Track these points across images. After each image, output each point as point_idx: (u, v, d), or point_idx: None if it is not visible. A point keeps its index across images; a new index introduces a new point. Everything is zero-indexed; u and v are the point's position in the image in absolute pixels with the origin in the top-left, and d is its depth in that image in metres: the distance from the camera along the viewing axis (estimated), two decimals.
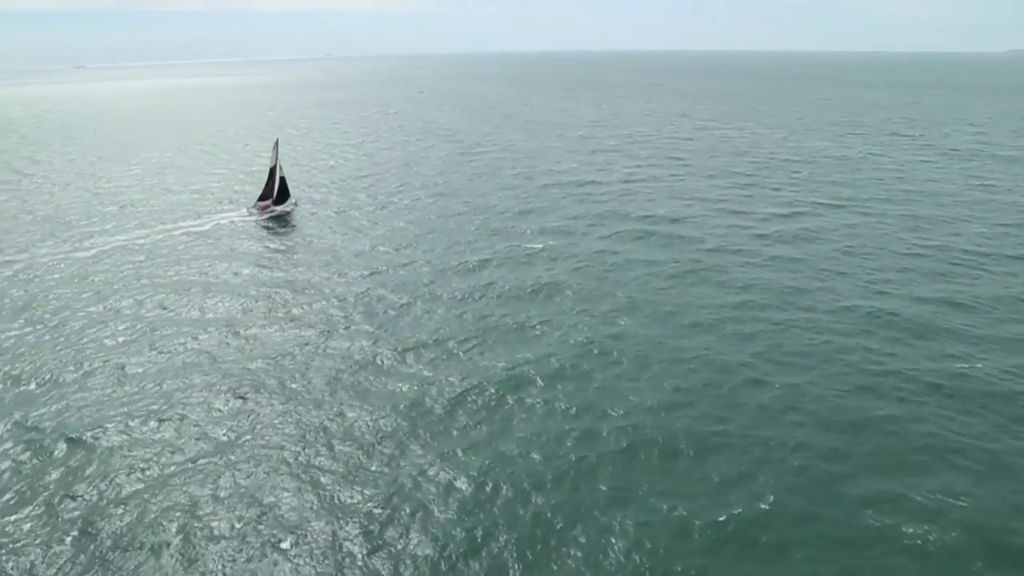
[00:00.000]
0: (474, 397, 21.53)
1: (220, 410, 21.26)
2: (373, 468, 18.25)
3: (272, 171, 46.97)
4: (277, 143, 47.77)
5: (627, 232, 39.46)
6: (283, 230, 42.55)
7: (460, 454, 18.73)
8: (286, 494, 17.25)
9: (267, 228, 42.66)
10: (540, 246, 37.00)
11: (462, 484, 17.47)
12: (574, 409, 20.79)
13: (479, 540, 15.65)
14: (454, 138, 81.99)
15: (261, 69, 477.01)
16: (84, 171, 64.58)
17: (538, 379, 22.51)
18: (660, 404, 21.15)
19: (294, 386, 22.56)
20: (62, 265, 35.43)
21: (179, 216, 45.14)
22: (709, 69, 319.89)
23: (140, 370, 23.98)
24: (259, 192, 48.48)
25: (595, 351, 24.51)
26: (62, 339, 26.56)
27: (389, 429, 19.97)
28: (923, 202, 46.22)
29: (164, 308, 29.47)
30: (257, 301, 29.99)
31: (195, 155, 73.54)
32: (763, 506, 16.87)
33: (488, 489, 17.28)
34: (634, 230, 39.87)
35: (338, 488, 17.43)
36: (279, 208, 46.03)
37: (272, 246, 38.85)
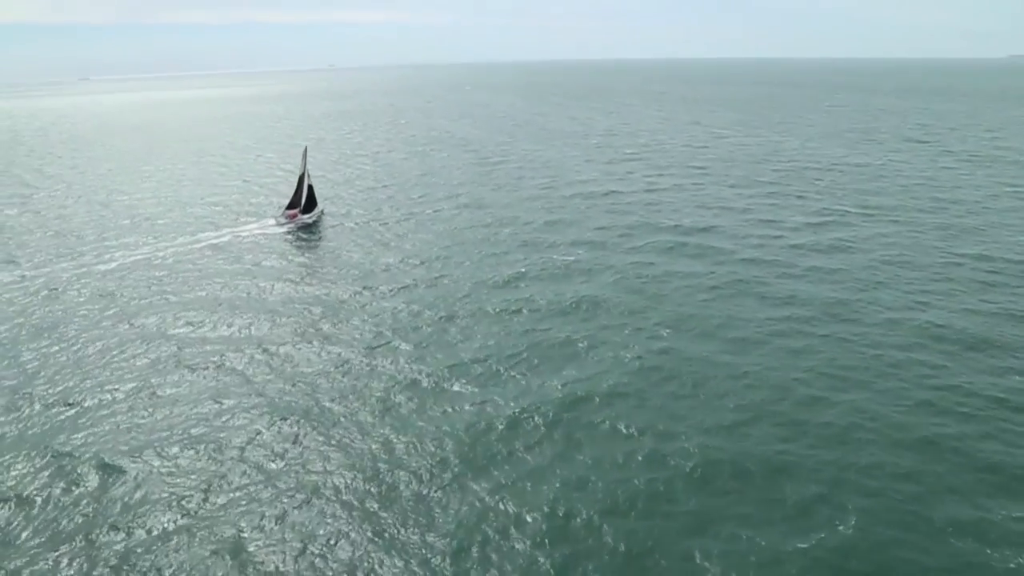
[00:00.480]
0: (529, 418, 20.55)
1: (261, 435, 20.36)
2: (432, 496, 17.31)
3: (300, 179, 46.22)
4: (306, 151, 47.16)
5: (659, 243, 38.64)
6: (307, 243, 41.71)
7: (523, 480, 17.77)
8: (343, 526, 16.31)
9: (290, 241, 41.86)
10: (573, 258, 36.11)
11: (529, 513, 16.50)
12: (635, 430, 19.85)
13: (554, 574, 14.72)
14: (470, 148, 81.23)
15: (265, 80, 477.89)
16: (95, 183, 63.91)
17: (594, 398, 21.56)
18: (722, 423, 20.27)
19: (337, 408, 21.64)
20: (82, 281, 34.61)
21: (198, 229, 44.39)
22: (712, 76, 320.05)
23: (173, 391, 23.13)
24: (279, 202, 47.80)
25: (647, 367, 23.60)
26: (89, 359, 25.69)
27: (444, 454, 19.00)
28: (952, 209, 45.42)
29: (192, 325, 28.61)
30: (288, 318, 29.11)
31: (207, 166, 72.88)
32: (845, 530, 15.98)
33: (557, 518, 16.32)
34: (666, 241, 39.04)
35: (398, 520, 16.47)
36: (306, 217, 45.13)
37: (298, 260, 38.01)
